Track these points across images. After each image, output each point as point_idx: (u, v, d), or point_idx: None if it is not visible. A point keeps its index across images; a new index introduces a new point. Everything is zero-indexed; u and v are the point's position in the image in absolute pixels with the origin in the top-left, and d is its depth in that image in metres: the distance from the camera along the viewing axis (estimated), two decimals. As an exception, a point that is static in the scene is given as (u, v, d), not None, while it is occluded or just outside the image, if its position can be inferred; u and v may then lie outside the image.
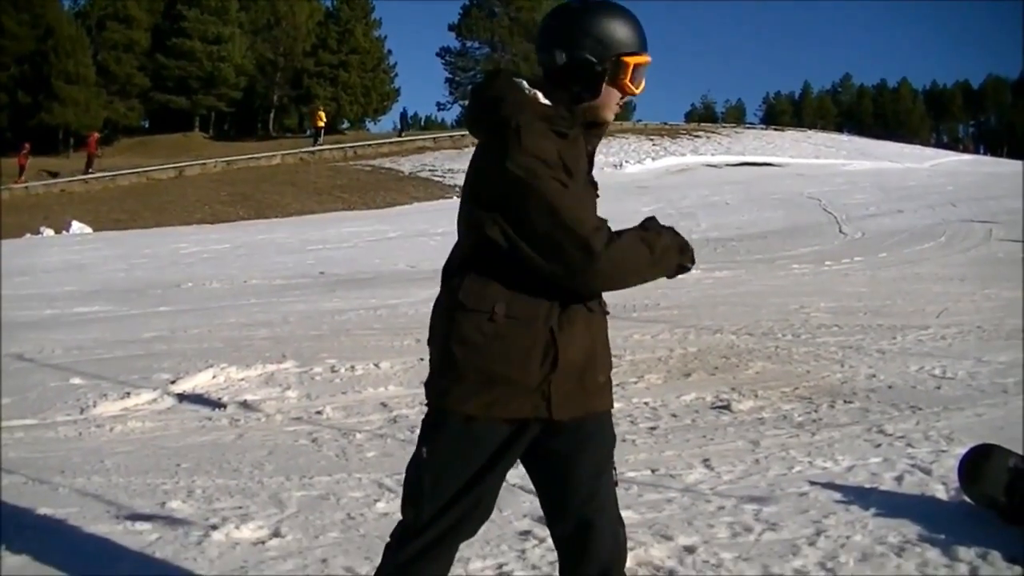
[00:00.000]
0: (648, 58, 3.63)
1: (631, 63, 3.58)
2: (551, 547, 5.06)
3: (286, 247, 30.61)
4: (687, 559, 5.25)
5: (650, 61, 3.64)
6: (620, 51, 3.56)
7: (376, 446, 7.81)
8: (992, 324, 13.37)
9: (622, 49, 3.56)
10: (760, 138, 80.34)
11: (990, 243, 26.55)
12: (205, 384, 10.11)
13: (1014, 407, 8.90)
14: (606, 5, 3.62)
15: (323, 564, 5.29)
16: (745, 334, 12.67)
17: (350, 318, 14.90)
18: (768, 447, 7.67)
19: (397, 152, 68.33)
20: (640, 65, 3.61)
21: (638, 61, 3.60)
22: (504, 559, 5.29)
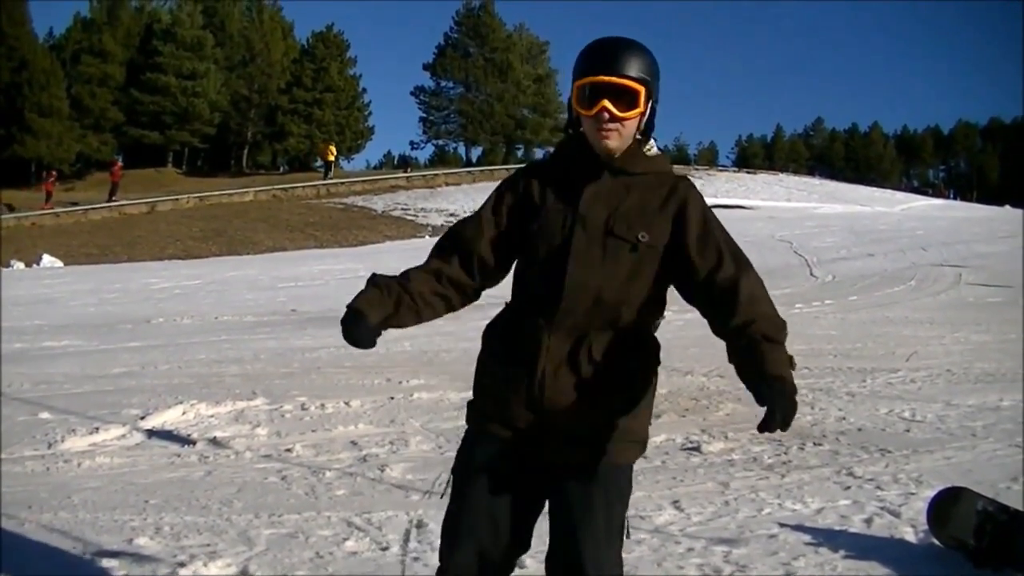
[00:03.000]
0: (594, 78, 3.68)
1: (576, 85, 3.74)
2: None
3: (258, 284, 30.53)
4: (656, 601, 5.25)
5: (598, 79, 3.68)
6: (575, 79, 3.74)
7: (346, 484, 7.78)
8: (961, 368, 13.44)
9: (575, 76, 3.76)
10: (732, 181, 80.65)
11: (960, 287, 26.71)
12: (174, 420, 10.05)
13: (983, 450, 8.95)
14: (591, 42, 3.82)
15: (291, 603, 5.27)
16: (716, 376, 12.68)
17: (321, 356, 14.85)
18: (738, 489, 7.68)
19: (370, 190, 68.40)
20: (585, 84, 3.71)
21: (581, 82, 3.71)
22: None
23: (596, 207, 3.72)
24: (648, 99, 3.75)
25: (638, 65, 3.72)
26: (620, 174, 3.78)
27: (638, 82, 3.69)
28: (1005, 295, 24.68)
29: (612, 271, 3.68)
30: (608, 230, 3.70)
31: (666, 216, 3.74)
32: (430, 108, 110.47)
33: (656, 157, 3.88)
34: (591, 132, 3.74)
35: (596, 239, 3.69)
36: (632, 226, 3.69)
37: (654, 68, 3.79)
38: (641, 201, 3.75)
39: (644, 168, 3.81)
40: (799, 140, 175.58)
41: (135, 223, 54.00)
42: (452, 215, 57.05)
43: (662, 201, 3.76)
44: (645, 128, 3.81)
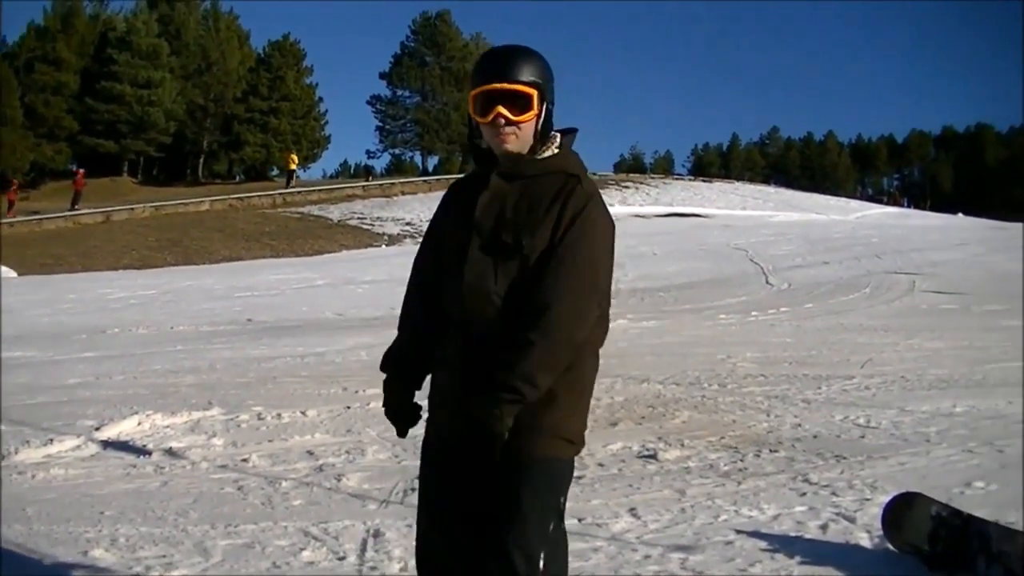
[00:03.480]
0: (487, 86, 3.85)
1: (470, 96, 3.91)
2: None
3: (213, 294, 30.40)
4: (613, 608, 5.26)
5: (491, 87, 3.84)
6: (470, 90, 3.90)
7: (302, 494, 7.77)
8: (915, 374, 13.52)
9: (470, 88, 3.94)
10: (688, 189, 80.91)
11: (914, 294, 26.88)
12: (130, 431, 10.00)
13: (937, 456, 9.01)
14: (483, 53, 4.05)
15: (248, 613, 5.26)
16: (672, 383, 12.73)
17: (277, 366, 14.82)
18: (694, 496, 7.70)
19: (326, 199, 68.15)
20: (479, 94, 3.87)
21: (475, 92, 3.88)
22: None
23: (487, 214, 3.85)
24: (542, 102, 3.88)
25: (529, 70, 3.86)
26: (513, 179, 3.89)
27: (530, 86, 3.84)
28: (958, 302, 24.86)
29: (503, 277, 3.77)
30: (496, 237, 3.80)
31: (549, 222, 3.79)
32: (386, 117, 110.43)
33: (550, 157, 3.96)
34: (490, 139, 3.90)
35: (487, 247, 3.81)
36: (518, 232, 3.77)
37: (546, 72, 3.93)
38: (529, 205, 3.82)
39: (536, 170, 3.90)
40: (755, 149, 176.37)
41: (90, 233, 53.67)
42: (408, 224, 57.02)
43: (549, 205, 3.81)
44: (543, 130, 3.92)
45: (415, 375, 4.05)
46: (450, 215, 4.03)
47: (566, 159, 3.98)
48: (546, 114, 3.92)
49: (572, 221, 3.77)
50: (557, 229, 3.76)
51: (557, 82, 3.97)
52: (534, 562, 3.71)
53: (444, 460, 3.91)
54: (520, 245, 3.75)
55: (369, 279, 33.42)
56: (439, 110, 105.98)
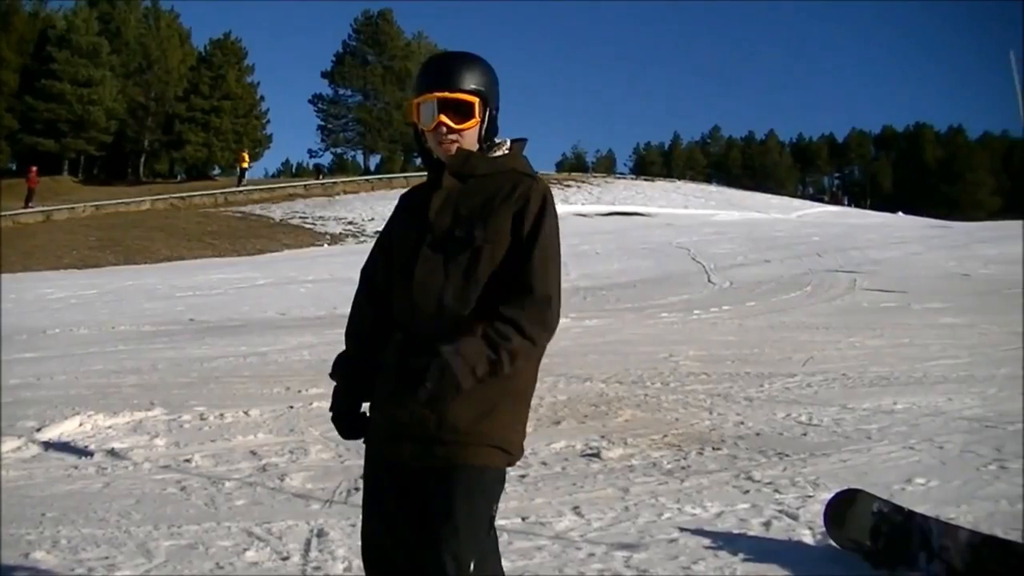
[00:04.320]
0: (430, 95, 3.88)
1: (414, 103, 3.95)
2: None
3: (155, 293, 30.22)
4: (558, 606, 5.27)
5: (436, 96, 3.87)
6: (413, 96, 3.99)
7: (245, 494, 7.74)
8: (857, 371, 13.61)
9: (414, 94, 3.98)
10: (630, 188, 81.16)
11: (855, 292, 27.01)
12: (71, 432, 9.94)
13: (878, 452, 9.07)
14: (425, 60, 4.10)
15: (191, 614, 5.23)
16: (615, 382, 12.76)
17: (219, 365, 14.76)
18: (638, 494, 7.73)
19: (268, 199, 67.92)
20: (422, 102, 3.92)
21: (418, 100, 3.93)
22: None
23: (442, 214, 3.87)
24: (484, 109, 3.93)
25: (472, 78, 3.90)
26: (466, 178, 3.92)
27: (472, 94, 3.88)
28: (898, 300, 25.02)
29: (453, 274, 3.78)
30: (450, 234, 3.83)
31: (506, 215, 3.82)
32: (328, 116, 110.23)
33: (502, 157, 4.01)
34: (434, 145, 3.94)
35: (440, 243, 3.83)
36: (472, 227, 3.81)
37: (489, 78, 3.98)
38: (483, 201, 3.85)
39: (487, 169, 3.94)
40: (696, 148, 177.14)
41: (30, 232, 53.18)
42: (350, 223, 56.94)
43: (503, 199, 3.85)
44: (487, 135, 3.97)
45: (363, 384, 4.01)
46: (402, 221, 4.05)
47: (516, 159, 4.03)
48: (490, 120, 3.97)
49: (539, 216, 3.84)
50: (521, 223, 3.81)
51: (501, 80, 3.99)
52: (464, 567, 3.68)
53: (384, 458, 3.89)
54: (471, 237, 3.79)
55: (311, 278, 33.33)
56: (381, 109, 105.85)
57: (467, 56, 3.99)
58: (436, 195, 3.90)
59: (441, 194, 3.90)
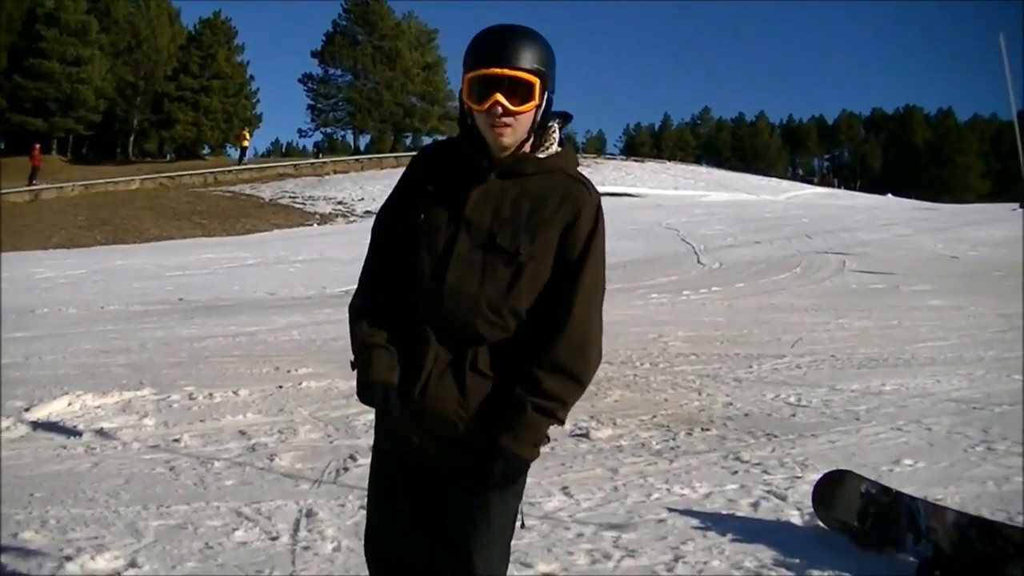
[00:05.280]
0: (486, 70, 3.51)
1: (465, 79, 3.58)
2: None
3: (144, 273, 30.12)
4: (546, 586, 5.28)
5: (490, 72, 3.50)
6: (465, 71, 3.59)
7: (234, 474, 7.74)
8: (845, 353, 13.65)
9: (465, 69, 3.59)
10: (620, 169, 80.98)
11: (844, 274, 27.06)
12: (60, 412, 9.91)
13: (866, 434, 9.12)
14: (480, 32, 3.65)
15: (180, 594, 5.23)
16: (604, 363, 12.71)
17: (208, 345, 14.74)
18: (627, 475, 7.75)
19: (258, 178, 67.79)
20: (475, 78, 3.54)
21: (471, 75, 3.55)
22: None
23: (481, 211, 3.60)
24: (543, 91, 3.57)
25: (532, 55, 3.53)
26: (510, 176, 3.63)
27: (532, 74, 3.51)
28: (887, 282, 25.06)
29: (491, 282, 3.57)
30: (491, 239, 3.58)
31: (555, 229, 3.59)
32: (318, 96, 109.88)
33: (551, 156, 3.70)
34: (484, 127, 3.57)
35: (478, 247, 3.58)
36: (516, 237, 3.56)
37: (549, 58, 3.60)
38: (530, 208, 3.60)
39: (536, 168, 3.65)
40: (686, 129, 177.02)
41: (19, 212, 52.92)
42: (340, 203, 56.87)
43: (554, 209, 3.60)
44: (542, 122, 3.63)
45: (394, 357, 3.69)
46: (428, 202, 3.68)
47: (567, 159, 3.75)
48: (547, 106, 3.62)
49: (590, 238, 3.63)
50: (568, 242, 3.60)
51: None
52: (492, 565, 3.66)
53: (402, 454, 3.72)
54: (517, 251, 3.55)
55: (301, 258, 33.29)
56: (371, 89, 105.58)
57: (528, 31, 3.60)
58: (476, 190, 3.61)
59: (482, 189, 3.61)
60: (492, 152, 3.62)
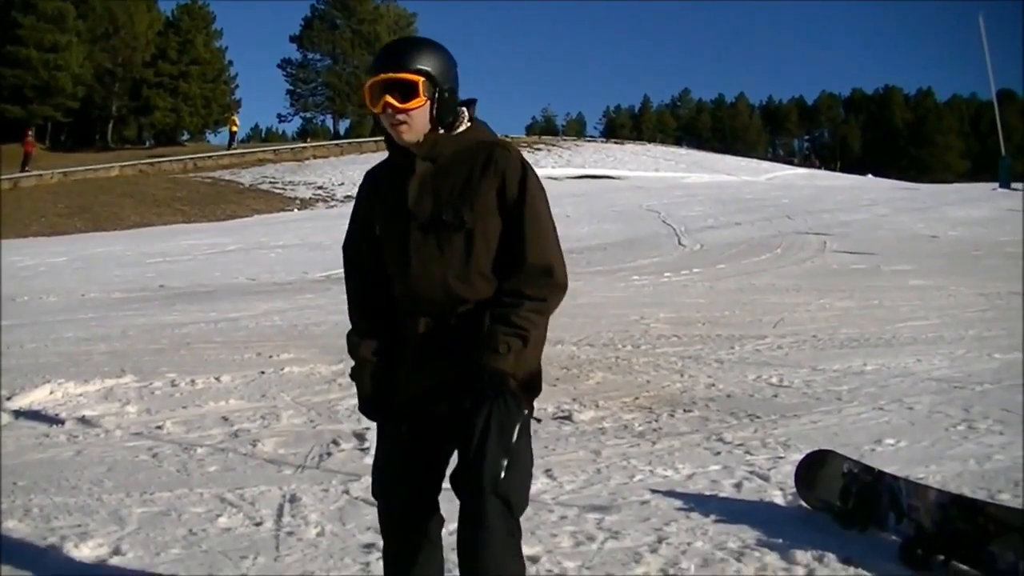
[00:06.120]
0: (375, 76, 3.94)
1: (364, 88, 4.01)
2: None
3: (125, 260, 30.07)
4: (530, 569, 5.27)
5: (377, 77, 3.93)
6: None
7: (217, 460, 7.74)
8: (827, 333, 13.69)
9: (366, 79, 4.04)
10: (600, 151, 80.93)
11: (824, 255, 27.16)
12: (42, 400, 9.89)
13: (848, 414, 9.14)
14: None
15: (165, 581, 5.23)
16: (586, 345, 12.80)
17: (190, 331, 14.72)
18: (609, 457, 7.76)
19: (237, 164, 67.58)
20: (370, 85, 3.96)
21: (367, 83, 3.98)
22: (348, 571, 5.28)
23: (422, 199, 3.97)
24: (433, 88, 3.92)
25: (418, 59, 3.92)
26: (435, 160, 3.99)
27: (416, 73, 3.89)
28: (868, 262, 25.15)
29: (452, 257, 3.92)
30: (437, 219, 3.94)
31: (489, 191, 3.94)
32: (297, 81, 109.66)
33: (466, 131, 4.07)
34: (388, 128, 3.99)
35: (428, 231, 3.94)
36: (458, 208, 3.91)
37: (438, 60, 3.98)
38: (461, 179, 3.96)
39: (454, 145, 4.02)
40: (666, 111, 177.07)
41: (-2, 200, 52.85)
42: (320, 188, 56.77)
43: (480, 172, 3.95)
44: (439, 116, 3.98)
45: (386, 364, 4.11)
46: (381, 210, 4.10)
47: (479, 130, 4.11)
48: (441, 100, 3.96)
49: (522, 181, 3.98)
50: (504, 194, 3.94)
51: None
52: (497, 469, 3.87)
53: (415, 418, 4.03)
54: (462, 220, 3.90)
55: (281, 244, 33.28)
56: (350, 73, 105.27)
57: (416, 39, 4.10)
58: (411, 182, 3.98)
59: (416, 180, 3.98)
60: (412, 148, 3.99)
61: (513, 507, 3.93)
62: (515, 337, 3.85)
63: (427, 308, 3.94)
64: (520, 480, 4.00)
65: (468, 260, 3.91)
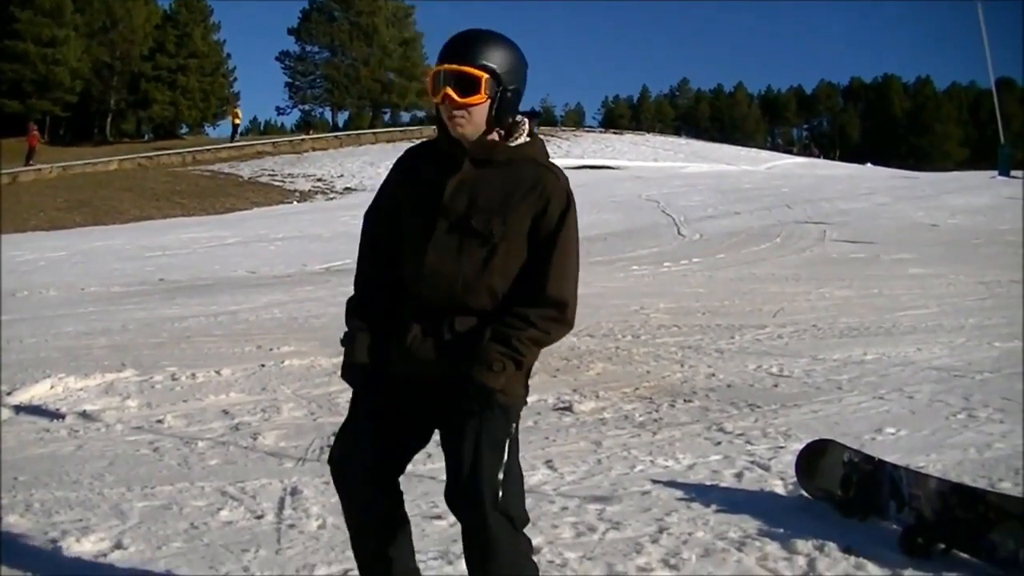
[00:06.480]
0: (439, 66, 3.86)
1: (427, 74, 3.93)
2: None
3: (124, 254, 30.03)
4: (531, 560, 5.28)
5: (440, 67, 3.86)
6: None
7: (218, 454, 7.74)
8: (827, 323, 13.71)
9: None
10: (599, 141, 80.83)
11: (824, 244, 27.18)
12: (42, 395, 9.87)
13: (848, 403, 9.16)
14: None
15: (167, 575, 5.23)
16: (586, 335, 12.79)
17: (190, 325, 14.71)
18: (610, 447, 7.77)
19: (236, 157, 67.53)
20: (434, 74, 3.89)
21: (432, 70, 3.92)
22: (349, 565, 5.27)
23: (457, 198, 3.91)
24: (496, 87, 3.85)
25: (486, 54, 3.84)
26: (483, 164, 3.93)
27: (480, 69, 3.81)
28: (867, 251, 25.16)
29: (468, 262, 3.89)
30: (466, 222, 3.89)
31: (528, 209, 3.90)
32: (296, 73, 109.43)
33: (521, 145, 4.00)
34: (445, 119, 3.89)
35: (454, 230, 3.90)
36: (490, 219, 3.88)
37: (508, 58, 3.91)
38: (502, 192, 3.90)
39: (507, 155, 3.95)
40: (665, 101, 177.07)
41: (-3, 194, 52.78)
42: (319, 180, 56.77)
43: (525, 192, 3.91)
44: (498, 116, 3.91)
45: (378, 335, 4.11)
46: (411, 195, 4.06)
47: (536, 148, 4.05)
48: (503, 100, 3.90)
49: (563, 215, 3.96)
50: (541, 221, 3.91)
51: None
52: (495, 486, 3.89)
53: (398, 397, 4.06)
54: (490, 232, 3.87)
55: (281, 236, 33.25)
56: (348, 65, 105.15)
57: (487, 33, 3.96)
58: (452, 179, 3.93)
59: (457, 179, 3.93)
60: (464, 144, 3.93)
61: (515, 520, 3.96)
62: (510, 359, 3.86)
63: (428, 302, 3.92)
64: (517, 495, 4.02)
65: (483, 272, 3.89)
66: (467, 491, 3.89)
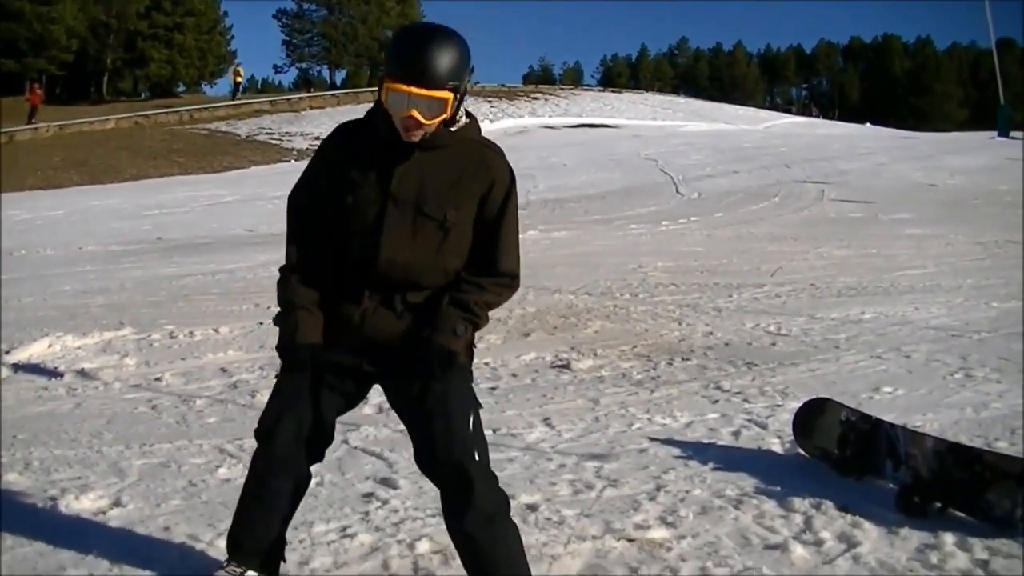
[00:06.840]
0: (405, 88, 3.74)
1: (386, 85, 3.81)
2: (394, 508, 5.16)
3: (122, 213, 30.01)
4: (529, 517, 5.30)
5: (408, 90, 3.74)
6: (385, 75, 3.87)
7: (217, 412, 7.74)
8: (824, 282, 13.72)
9: (386, 72, 3.88)
10: (598, 100, 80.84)
11: (822, 203, 27.18)
12: (41, 353, 9.87)
13: (846, 362, 9.17)
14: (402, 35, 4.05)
15: (166, 532, 5.22)
16: (584, 293, 12.80)
17: (188, 283, 14.70)
18: (608, 405, 7.77)
19: (234, 115, 67.40)
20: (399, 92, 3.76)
21: (392, 86, 3.78)
22: (347, 521, 5.29)
23: (406, 185, 3.94)
24: (456, 96, 3.83)
25: (450, 71, 3.77)
26: (428, 150, 3.93)
27: (448, 90, 3.77)
28: (865, 211, 25.16)
29: (423, 247, 3.97)
30: (418, 208, 3.95)
31: (476, 189, 3.99)
32: (293, 31, 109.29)
33: (462, 128, 4.02)
34: (398, 126, 3.85)
35: (406, 217, 3.95)
36: (441, 204, 3.94)
37: (463, 64, 3.85)
38: (451, 177, 3.96)
39: (450, 141, 3.96)
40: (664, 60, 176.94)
41: (-6, 153, 52.66)
42: (316, 139, 56.50)
43: (472, 173, 3.99)
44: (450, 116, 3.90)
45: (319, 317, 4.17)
46: (355, 169, 4.03)
47: (472, 128, 4.08)
48: (458, 104, 3.90)
49: (506, 198, 4.04)
50: (488, 199, 4.01)
51: None
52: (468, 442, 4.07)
53: (338, 370, 4.15)
54: (445, 218, 3.94)
55: (279, 194, 33.01)
56: (346, 23, 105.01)
57: (444, 41, 3.80)
58: (400, 167, 3.94)
59: (405, 166, 3.94)
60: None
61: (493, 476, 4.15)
62: (468, 323, 4.00)
63: (380, 281, 4.00)
64: (485, 450, 4.17)
65: (438, 254, 3.98)
66: (445, 451, 4.00)
